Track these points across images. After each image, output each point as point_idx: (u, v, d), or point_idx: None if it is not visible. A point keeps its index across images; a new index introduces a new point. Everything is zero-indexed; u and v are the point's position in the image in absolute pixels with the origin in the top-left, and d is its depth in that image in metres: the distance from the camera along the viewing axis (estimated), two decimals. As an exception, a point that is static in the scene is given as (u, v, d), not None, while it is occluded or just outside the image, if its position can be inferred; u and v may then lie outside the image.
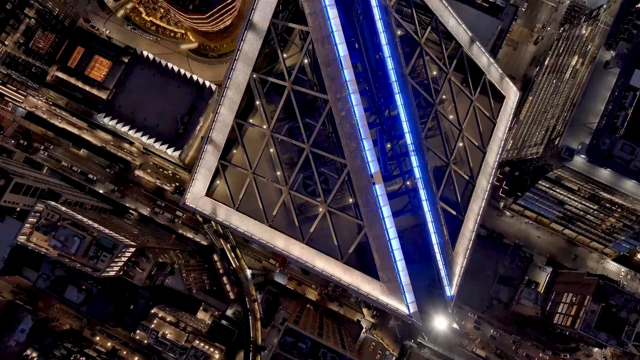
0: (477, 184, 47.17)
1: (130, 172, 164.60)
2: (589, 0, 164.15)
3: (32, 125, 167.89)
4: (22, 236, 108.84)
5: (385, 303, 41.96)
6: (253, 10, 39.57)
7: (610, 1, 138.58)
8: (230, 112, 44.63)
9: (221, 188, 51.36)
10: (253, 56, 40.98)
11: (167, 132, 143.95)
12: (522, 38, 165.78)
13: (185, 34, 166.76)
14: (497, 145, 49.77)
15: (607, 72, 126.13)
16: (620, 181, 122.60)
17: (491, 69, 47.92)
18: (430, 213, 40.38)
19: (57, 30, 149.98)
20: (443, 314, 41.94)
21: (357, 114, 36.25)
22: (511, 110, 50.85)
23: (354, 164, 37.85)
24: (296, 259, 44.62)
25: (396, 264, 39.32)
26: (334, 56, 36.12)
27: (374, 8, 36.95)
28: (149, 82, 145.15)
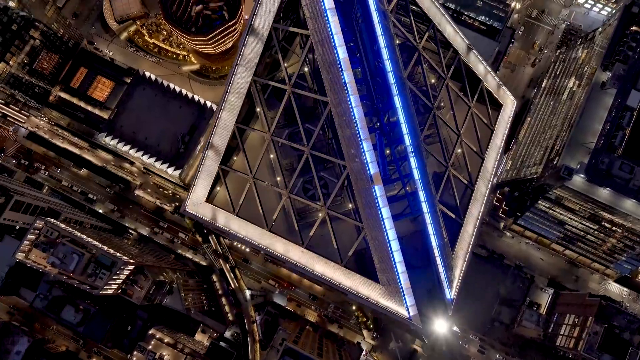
0: (475, 189, 47.23)
1: (130, 191, 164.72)
2: (584, 24, 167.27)
3: (33, 145, 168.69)
4: (21, 253, 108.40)
5: (385, 306, 41.56)
6: (255, 15, 40.38)
7: (606, 24, 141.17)
8: (232, 116, 45.08)
9: (221, 194, 51.45)
10: (254, 61, 41.60)
11: (167, 151, 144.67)
12: (520, 60, 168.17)
13: (187, 55, 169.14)
14: (495, 151, 50.04)
15: (604, 92, 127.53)
16: (620, 200, 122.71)
17: (488, 77, 48.63)
18: (429, 215, 40.34)
19: (61, 52, 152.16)
20: (443, 317, 41.50)
21: (356, 116, 36.65)
22: (509, 119, 51.32)
23: (353, 166, 38.02)
24: (296, 263, 44.36)
25: (396, 266, 39.08)
26: (333, 59, 36.73)
27: (372, 12, 37.78)
28: (150, 102, 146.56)
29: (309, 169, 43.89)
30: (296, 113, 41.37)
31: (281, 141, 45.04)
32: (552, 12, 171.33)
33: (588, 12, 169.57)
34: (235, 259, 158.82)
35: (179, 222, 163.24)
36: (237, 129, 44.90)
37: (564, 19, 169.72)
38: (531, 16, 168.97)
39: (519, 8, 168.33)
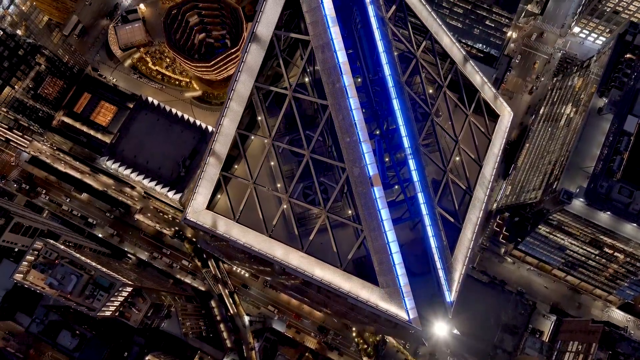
0: (474, 195, 47.49)
1: (130, 216, 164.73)
2: (580, 53, 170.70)
3: (35, 170, 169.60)
4: (19, 274, 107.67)
5: (384, 309, 41.23)
6: (257, 23, 41.51)
7: (600, 52, 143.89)
8: (233, 123, 45.71)
9: (222, 202, 51.72)
10: (256, 68, 42.49)
11: (168, 175, 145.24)
12: (517, 88, 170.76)
13: (190, 82, 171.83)
14: (493, 160, 50.57)
15: (601, 117, 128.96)
16: (620, 225, 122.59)
17: (485, 87, 49.50)
18: (428, 217, 40.48)
19: (65, 77, 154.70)
20: (443, 319, 41.11)
21: (356, 118, 37.25)
22: (506, 129, 52.08)
23: (353, 168, 38.37)
24: (295, 268, 44.24)
25: (395, 268, 38.94)
26: (333, 63, 37.57)
27: (371, 18, 38.89)
28: (152, 126, 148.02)
29: (309, 173, 44.32)
30: (296, 116, 41.96)
31: (282, 146, 45.53)
32: (549, 41, 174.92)
33: (583, 42, 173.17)
34: (234, 284, 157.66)
35: (179, 246, 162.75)
36: (238, 135, 45.47)
37: (560, 48, 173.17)
38: (531, 38, 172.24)
39: (515, 37, 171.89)
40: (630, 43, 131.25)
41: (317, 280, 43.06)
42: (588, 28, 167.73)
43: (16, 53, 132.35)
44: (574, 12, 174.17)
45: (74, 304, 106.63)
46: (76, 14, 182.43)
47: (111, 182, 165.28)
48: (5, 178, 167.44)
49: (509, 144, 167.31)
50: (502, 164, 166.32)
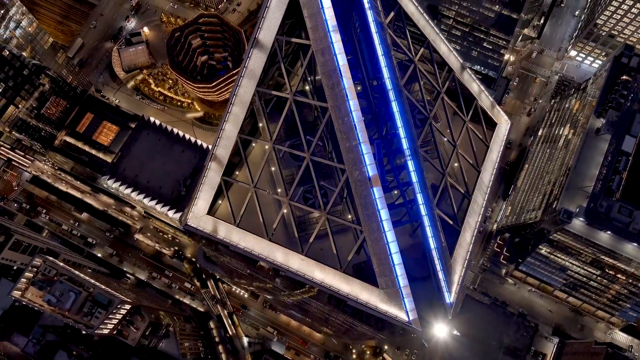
0: (472, 199, 47.69)
1: (130, 236, 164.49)
2: (577, 76, 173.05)
3: (36, 189, 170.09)
4: (17, 291, 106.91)
5: (384, 311, 40.98)
6: (259, 29, 42.51)
7: (597, 75, 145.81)
8: (235, 127, 46.18)
9: (222, 207, 51.97)
10: (258, 72, 43.23)
11: (169, 194, 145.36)
12: (516, 110, 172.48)
13: (192, 103, 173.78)
14: (491, 166, 50.97)
15: (599, 138, 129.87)
16: (621, 244, 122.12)
17: (482, 96, 50.35)
18: (427, 217, 40.63)
19: (68, 97, 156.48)
20: (443, 321, 40.80)
21: (355, 119, 37.77)
22: (503, 137, 52.70)
23: (352, 168, 38.69)
24: (295, 271, 44.12)
25: (395, 268, 38.85)
26: (333, 65, 38.30)
27: (370, 23, 39.86)
28: (154, 146, 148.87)
29: (309, 177, 44.65)
30: (297, 119, 42.49)
31: (283, 149, 46.04)
32: (546, 64, 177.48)
33: (580, 65, 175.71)
34: (233, 305, 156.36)
35: (178, 267, 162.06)
36: (239, 140, 46.03)
37: (557, 71, 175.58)
38: (532, 56, 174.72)
39: (512, 60, 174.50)
40: (626, 65, 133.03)
41: (317, 283, 43.01)
42: (584, 51, 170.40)
43: (21, 73, 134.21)
44: (570, 36, 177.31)
45: (71, 322, 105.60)
46: (81, 37, 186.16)
47: (112, 202, 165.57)
48: (5, 197, 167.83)
49: (508, 165, 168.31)
50: (502, 184, 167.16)
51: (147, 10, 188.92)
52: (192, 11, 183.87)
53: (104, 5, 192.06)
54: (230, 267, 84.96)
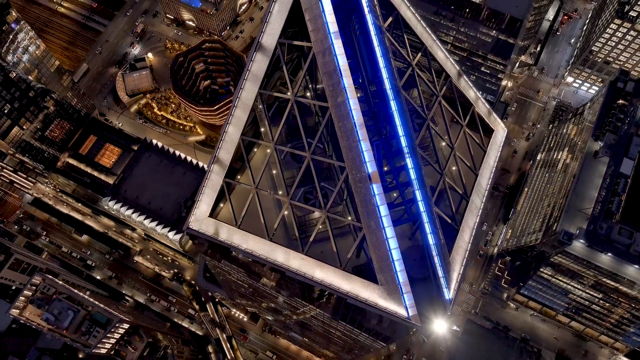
0: (470, 201, 48.10)
1: (129, 258, 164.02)
2: (574, 101, 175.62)
3: (37, 212, 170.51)
4: (15, 310, 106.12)
5: (384, 307, 40.89)
6: (262, 33, 43.87)
7: (594, 100, 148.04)
8: (237, 129, 47.08)
9: (224, 210, 52.46)
10: (260, 75, 44.39)
11: (169, 215, 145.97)
12: (514, 134, 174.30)
13: (194, 127, 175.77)
14: (488, 170, 51.52)
15: (597, 161, 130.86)
16: (622, 267, 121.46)
17: (479, 102, 51.36)
18: (425, 214, 41.03)
19: (72, 120, 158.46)
20: (443, 317, 40.67)
21: (355, 117, 38.61)
22: (500, 143, 53.58)
23: (352, 165, 39.34)
24: (296, 271, 44.25)
25: (394, 264, 39.02)
26: (334, 66, 39.41)
27: (369, 26, 41.21)
28: (155, 167, 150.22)
29: (309, 178, 45.35)
30: (298, 119, 43.37)
31: (284, 149, 46.84)
32: (543, 90, 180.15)
33: (577, 91, 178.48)
34: (232, 328, 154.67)
35: (177, 289, 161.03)
36: (242, 141, 46.85)
37: (555, 96, 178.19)
38: (534, 74, 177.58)
39: (510, 86, 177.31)
40: (622, 90, 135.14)
41: (317, 282, 43.13)
42: (581, 78, 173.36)
43: (27, 94, 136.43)
44: (567, 63, 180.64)
45: (69, 341, 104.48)
46: (86, 62, 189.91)
47: (112, 224, 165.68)
48: (6, 220, 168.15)
49: (508, 189, 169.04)
50: (502, 208, 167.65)
51: (152, 37, 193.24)
52: (196, 38, 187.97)
53: (109, 32, 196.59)
54: (231, 285, 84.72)
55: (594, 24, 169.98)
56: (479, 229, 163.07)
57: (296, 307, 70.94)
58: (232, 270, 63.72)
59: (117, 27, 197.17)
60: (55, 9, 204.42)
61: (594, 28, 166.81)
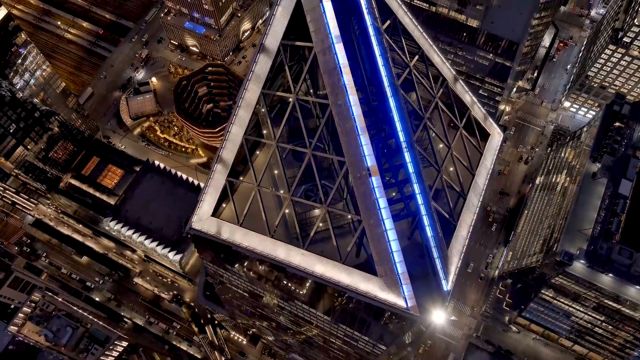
0: (467, 199, 48.80)
1: (129, 280, 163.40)
2: (571, 125, 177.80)
3: (37, 233, 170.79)
4: (14, 327, 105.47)
5: (383, 299, 41.14)
6: (265, 35, 45.52)
7: (591, 124, 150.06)
8: (241, 129, 48.20)
9: (226, 211, 53.14)
10: (264, 76, 45.80)
11: (170, 236, 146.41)
12: (513, 158, 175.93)
13: (196, 149, 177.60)
14: (485, 171, 52.37)
15: (595, 182, 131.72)
16: (624, 288, 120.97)
17: (475, 107, 52.72)
18: (423, 206, 41.69)
19: (76, 141, 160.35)
20: (441, 308, 40.79)
21: (354, 113, 39.75)
22: (496, 147, 54.67)
23: (352, 159, 40.30)
24: (296, 266, 44.70)
25: (392, 255, 39.44)
26: (334, 64, 40.85)
27: (368, 26, 42.89)
28: (157, 188, 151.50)
29: (310, 176, 46.34)
30: (299, 115, 44.57)
31: (286, 146, 48.00)
32: (541, 115, 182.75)
33: (574, 115, 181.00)
34: (231, 351, 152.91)
35: (176, 312, 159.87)
36: (245, 141, 48.04)
37: (552, 121, 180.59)
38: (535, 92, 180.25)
39: (508, 110, 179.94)
40: (618, 112, 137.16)
41: (317, 276, 43.52)
42: (578, 102, 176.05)
43: (32, 115, 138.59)
44: (564, 88, 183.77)
45: (67, 358, 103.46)
46: (91, 86, 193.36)
47: (112, 245, 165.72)
48: (7, 241, 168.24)
49: (508, 212, 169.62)
50: (502, 231, 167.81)
51: (156, 62, 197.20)
52: (199, 63, 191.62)
53: (114, 58, 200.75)
54: (232, 298, 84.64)
55: (589, 51, 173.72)
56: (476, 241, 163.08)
57: (298, 324, 70.96)
58: (233, 276, 64.11)
59: (122, 53, 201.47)
60: (62, 35, 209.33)
61: (589, 54, 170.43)
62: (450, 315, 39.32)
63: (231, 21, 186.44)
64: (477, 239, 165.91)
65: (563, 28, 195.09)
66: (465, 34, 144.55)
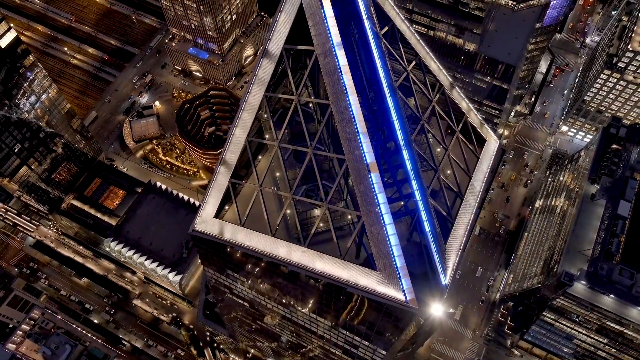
0: (464, 199, 49.50)
1: (128, 302, 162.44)
2: (569, 149, 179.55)
3: (38, 254, 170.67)
4: (12, 344, 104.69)
5: (382, 293, 41.36)
6: (269, 41, 47.18)
7: (589, 146, 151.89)
8: (244, 131, 49.33)
9: (229, 213, 53.85)
10: (267, 80, 47.25)
11: (170, 256, 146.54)
12: (512, 181, 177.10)
13: (197, 171, 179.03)
14: (482, 174, 53.19)
15: (594, 203, 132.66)
16: (626, 309, 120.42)
17: (471, 114, 53.96)
18: (421, 202, 42.34)
19: (79, 162, 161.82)
20: (439, 300, 40.95)
21: (354, 112, 40.90)
22: (492, 153, 55.73)
23: (352, 156, 41.23)
24: (297, 263, 45.11)
25: (391, 249, 39.91)
26: (334, 65, 42.30)
27: (367, 31, 44.56)
28: (158, 209, 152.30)
29: (311, 176, 47.24)
30: (300, 115, 45.85)
31: (288, 147, 49.10)
32: (539, 139, 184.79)
33: (572, 139, 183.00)
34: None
35: (175, 334, 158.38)
36: (248, 143, 49.13)
37: (551, 145, 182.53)
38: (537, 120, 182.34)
39: (507, 134, 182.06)
40: (615, 135, 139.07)
41: (318, 273, 43.94)
42: (575, 126, 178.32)
43: (37, 135, 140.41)
44: (561, 112, 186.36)
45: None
46: (95, 110, 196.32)
47: (112, 267, 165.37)
48: (7, 262, 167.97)
49: (509, 234, 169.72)
50: (503, 254, 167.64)
51: (160, 87, 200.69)
52: (202, 88, 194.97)
53: (119, 82, 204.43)
54: (231, 316, 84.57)
55: (585, 76, 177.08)
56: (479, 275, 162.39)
57: (298, 345, 70.77)
58: (235, 283, 64.47)
59: (127, 78, 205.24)
60: (68, 61, 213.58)
61: (585, 79, 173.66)
62: (448, 308, 39.53)
63: (234, 47, 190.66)
64: (478, 261, 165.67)
65: (559, 55, 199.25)
66: (463, 57, 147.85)
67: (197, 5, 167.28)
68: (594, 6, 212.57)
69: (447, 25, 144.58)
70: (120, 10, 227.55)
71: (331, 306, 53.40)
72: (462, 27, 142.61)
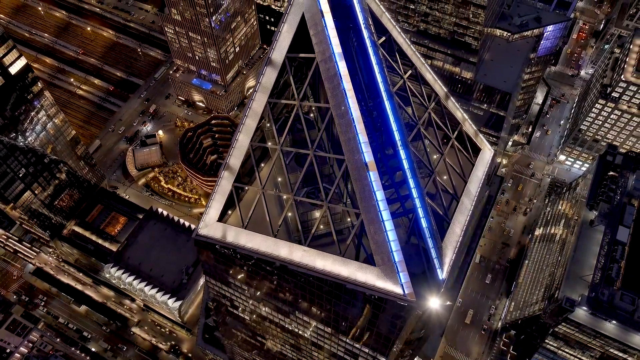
0: (460, 202, 50.45)
1: (127, 330, 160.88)
2: (567, 178, 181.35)
3: (37, 281, 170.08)
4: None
5: (381, 288, 41.83)
6: (272, 50, 49.39)
7: (586, 174, 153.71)
8: (247, 137, 50.82)
9: (232, 217, 54.77)
10: (270, 87, 49.19)
11: (170, 282, 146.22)
12: (512, 210, 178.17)
13: (199, 199, 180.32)
14: (477, 179, 54.36)
15: (593, 229, 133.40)
16: (628, 335, 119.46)
17: (466, 123, 55.57)
18: (418, 199, 43.31)
19: (82, 188, 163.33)
20: (436, 294, 41.33)
21: (353, 114, 42.56)
22: (488, 160, 57.10)
23: (351, 156, 42.43)
24: (298, 263, 45.74)
25: (390, 244, 40.61)
26: (335, 71, 44.18)
27: (365, 39, 46.77)
28: (159, 235, 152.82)
29: (312, 179, 48.47)
30: (301, 117, 47.44)
31: (290, 150, 50.50)
32: (537, 168, 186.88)
33: (570, 169, 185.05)
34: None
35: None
36: (251, 147, 50.59)
37: (549, 174, 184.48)
38: None
39: (505, 163, 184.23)
40: (612, 162, 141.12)
41: (318, 271, 44.60)
42: (572, 156, 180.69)
43: (42, 161, 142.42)
44: (558, 142, 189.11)
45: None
46: (99, 139, 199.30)
47: (112, 294, 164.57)
48: (6, 289, 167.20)
49: (509, 263, 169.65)
50: (504, 282, 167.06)
51: (163, 117, 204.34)
52: (205, 117, 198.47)
53: (123, 112, 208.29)
54: (232, 335, 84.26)
55: (580, 106, 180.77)
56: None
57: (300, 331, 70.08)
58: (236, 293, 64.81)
59: (131, 108, 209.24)
60: (74, 92, 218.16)
61: (580, 110, 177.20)
62: (446, 301, 39.73)
63: (237, 78, 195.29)
64: (479, 290, 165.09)
65: (555, 86, 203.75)
66: (460, 85, 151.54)
67: (202, 38, 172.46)
68: (587, 40, 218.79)
69: (444, 55, 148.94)
70: (126, 44, 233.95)
71: (331, 309, 54.03)
72: (459, 57, 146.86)
